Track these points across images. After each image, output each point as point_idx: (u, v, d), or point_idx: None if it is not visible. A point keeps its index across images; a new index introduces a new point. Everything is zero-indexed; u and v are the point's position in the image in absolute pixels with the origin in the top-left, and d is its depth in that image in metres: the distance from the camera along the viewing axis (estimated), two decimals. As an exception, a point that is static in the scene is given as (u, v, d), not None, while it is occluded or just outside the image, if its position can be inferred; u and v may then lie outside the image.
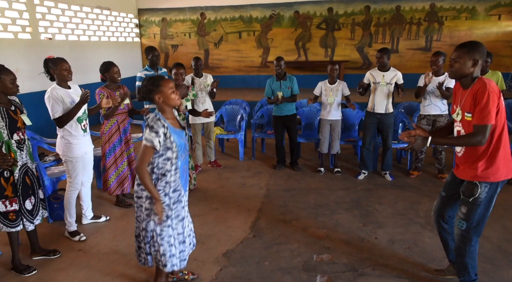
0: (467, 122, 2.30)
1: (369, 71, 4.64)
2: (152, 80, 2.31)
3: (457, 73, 2.31)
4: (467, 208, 2.35)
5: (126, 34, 9.72)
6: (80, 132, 3.31)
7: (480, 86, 2.21)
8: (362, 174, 4.82)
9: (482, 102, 2.16)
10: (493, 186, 2.31)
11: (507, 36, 8.61)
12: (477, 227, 2.37)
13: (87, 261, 3.05)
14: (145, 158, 2.25)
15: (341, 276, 2.80)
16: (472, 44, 2.27)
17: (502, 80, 4.45)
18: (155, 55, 4.60)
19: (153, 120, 2.26)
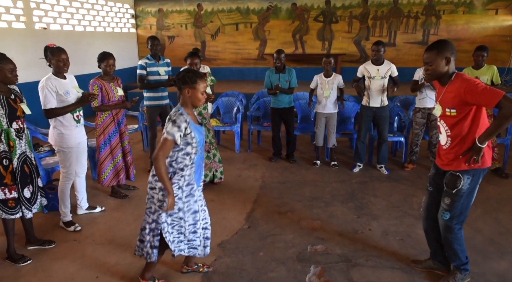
0: (451, 117, 2.34)
1: (362, 65, 4.62)
2: (192, 74, 2.32)
3: (434, 75, 2.38)
4: (450, 199, 2.41)
5: (122, 25, 9.63)
6: (73, 123, 3.28)
7: (462, 83, 2.25)
8: (357, 167, 4.84)
9: (477, 91, 2.18)
10: (476, 176, 2.36)
11: (503, 30, 8.62)
12: (460, 216, 2.43)
13: (82, 251, 3.06)
14: (164, 150, 2.25)
15: (334, 267, 2.83)
16: (439, 45, 2.33)
17: (498, 74, 4.47)
18: (154, 44, 4.53)
19: (176, 114, 2.28)
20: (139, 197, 4.08)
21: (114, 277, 2.73)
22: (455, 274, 2.58)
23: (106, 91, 3.69)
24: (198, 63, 4.09)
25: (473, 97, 2.20)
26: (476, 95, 2.19)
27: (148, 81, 4.53)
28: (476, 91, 2.18)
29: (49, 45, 3.16)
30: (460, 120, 2.31)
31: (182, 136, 2.27)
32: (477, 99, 2.20)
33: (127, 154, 4.04)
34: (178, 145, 2.29)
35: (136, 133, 6.01)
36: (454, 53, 2.32)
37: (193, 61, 4.03)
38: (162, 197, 2.34)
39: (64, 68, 3.19)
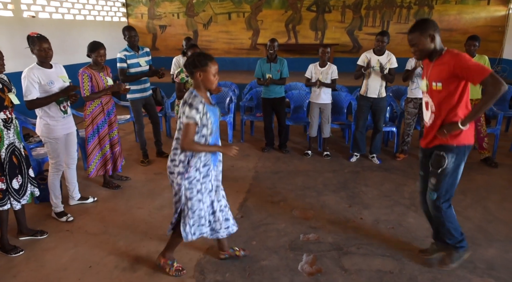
0: (436, 92, 2.39)
1: (364, 53, 4.60)
2: (202, 57, 2.31)
3: (422, 54, 2.42)
4: (436, 179, 2.47)
5: (112, 14, 9.47)
6: (59, 114, 3.23)
7: (451, 56, 2.30)
8: (354, 157, 4.86)
9: (466, 64, 2.23)
10: (459, 154, 2.41)
11: (495, 21, 8.65)
12: (446, 194, 2.49)
13: (75, 241, 3.05)
14: (189, 135, 2.28)
15: (326, 255, 2.87)
16: (420, 24, 2.37)
17: (489, 64, 4.50)
18: (131, 35, 4.40)
19: (190, 97, 2.29)
20: (132, 188, 4.07)
21: (107, 266, 2.74)
22: (452, 255, 2.65)
23: (96, 81, 3.64)
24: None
25: (462, 70, 2.24)
26: (464, 68, 2.23)
27: (130, 73, 4.45)
28: (465, 64, 2.23)
29: (30, 34, 3.07)
30: (446, 95, 2.35)
31: (201, 118, 2.29)
32: (465, 72, 2.24)
33: (115, 145, 3.99)
34: (199, 127, 2.31)
35: (128, 124, 5.96)
36: (437, 29, 2.36)
37: (195, 52, 3.95)
38: (181, 180, 2.38)
39: (46, 58, 3.09)
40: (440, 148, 2.44)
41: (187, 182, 2.39)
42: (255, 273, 2.66)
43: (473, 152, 5.03)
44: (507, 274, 2.64)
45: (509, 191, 3.97)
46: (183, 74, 3.97)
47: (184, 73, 3.98)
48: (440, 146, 2.44)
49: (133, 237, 3.11)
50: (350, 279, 2.60)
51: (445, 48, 2.39)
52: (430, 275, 2.63)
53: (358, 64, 4.59)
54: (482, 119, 4.62)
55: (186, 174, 2.37)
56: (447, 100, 2.36)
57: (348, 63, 4.71)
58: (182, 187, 2.39)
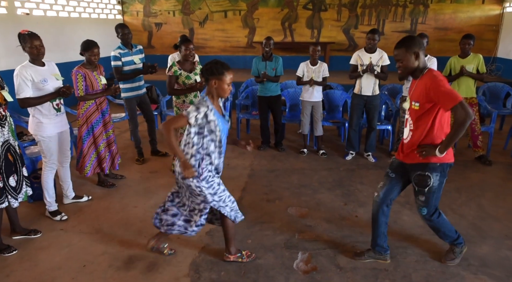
0: (414, 111, 2.42)
1: (356, 52, 4.61)
2: (220, 65, 2.37)
3: (406, 72, 2.44)
4: (424, 197, 2.52)
5: (107, 11, 9.41)
6: (52, 112, 3.19)
7: (429, 78, 2.32)
8: (349, 155, 4.87)
9: (441, 89, 2.25)
10: (443, 172, 2.45)
11: (490, 20, 8.69)
12: (434, 207, 2.57)
13: (68, 240, 3.03)
14: (175, 123, 2.33)
15: (322, 253, 2.87)
16: (407, 41, 2.39)
17: (483, 63, 4.52)
18: (125, 33, 4.37)
19: (200, 101, 2.37)
20: (127, 186, 4.06)
21: (101, 265, 2.72)
22: (453, 249, 2.73)
23: (90, 80, 3.60)
24: (193, 48, 3.98)
25: (435, 94, 2.27)
26: (437, 93, 2.26)
27: (124, 71, 4.41)
28: (438, 89, 2.25)
29: (21, 31, 3.03)
30: (423, 115, 2.37)
31: (198, 119, 2.31)
32: (437, 97, 2.27)
33: (112, 144, 3.96)
34: (203, 132, 2.37)
35: (123, 122, 5.94)
36: (423, 47, 2.38)
37: (188, 47, 3.92)
38: (198, 183, 2.42)
39: (38, 55, 3.05)
40: (424, 168, 2.44)
41: (204, 183, 2.44)
42: (250, 272, 2.65)
43: (468, 150, 5.07)
44: (500, 270, 2.66)
45: (502, 189, 3.99)
46: (175, 67, 3.95)
47: (176, 66, 3.97)
48: (422, 165, 2.44)
49: (127, 236, 3.10)
50: (345, 277, 2.61)
51: (428, 68, 2.40)
52: (424, 272, 2.65)
53: (351, 64, 4.61)
54: (477, 117, 4.64)
55: (201, 176, 2.42)
56: (423, 120, 2.39)
57: (344, 61, 4.71)
58: (203, 188, 2.43)
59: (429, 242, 2.96)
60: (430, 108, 2.34)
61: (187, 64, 4.01)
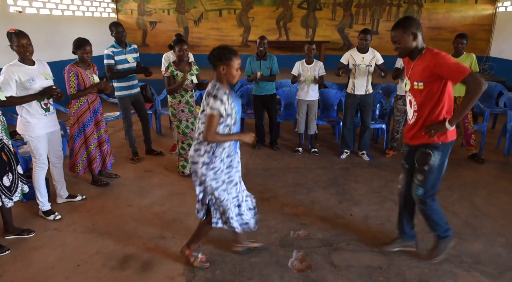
0: (418, 91, 2.42)
1: (348, 52, 4.63)
2: (227, 51, 2.33)
3: (404, 52, 2.45)
4: (422, 176, 2.51)
5: (101, 9, 9.34)
6: (40, 111, 3.14)
7: (431, 56, 2.33)
8: (344, 154, 4.89)
9: (446, 64, 2.26)
10: (444, 150, 2.46)
11: (483, 19, 8.76)
12: (431, 189, 2.55)
13: (62, 240, 3.02)
14: (212, 127, 2.30)
15: (316, 251, 2.88)
16: (404, 22, 2.39)
17: (476, 62, 4.56)
18: (119, 31, 4.34)
19: (214, 89, 2.31)
20: (121, 185, 4.04)
21: (95, 264, 2.71)
22: (438, 247, 2.72)
23: (82, 78, 3.57)
24: (187, 49, 3.97)
25: (442, 69, 2.27)
26: (444, 68, 2.26)
27: (117, 70, 4.39)
28: (445, 63, 2.26)
29: (9, 30, 2.98)
30: (427, 94, 2.39)
31: (226, 109, 2.31)
32: (445, 72, 2.27)
33: (103, 143, 3.92)
34: (223, 118, 2.32)
35: (117, 121, 5.91)
36: (420, 28, 2.39)
37: (182, 47, 3.91)
38: (206, 171, 2.39)
39: (25, 54, 2.99)
40: (426, 146, 2.47)
41: (212, 173, 2.41)
42: (245, 270, 2.66)
43: (461, 149, 5.11)
44: (492, 267, 2.69)
45: (495, 187, 4.03)
46: (172, 68, 3.95)
47: (172, 66, 3.96)
48: (425, 144, 2.48)
49: (122, 235, 3.09)
50: (339, 275, 2.62)
51: (426, 47, 2.41)
52: (417, 270, 2.67)
53: (340, 62, 4.63)
54: (470, 116, 4.68)
55: (211, 165, 2.39)
56: (429, 99, 2.40)
57: (338, 60, 4.71)
58: (207, 178, 2.41)
59: (423, 240, 2.97)
60: (435, 85, 2.34)
61: (183, 64, 4.00)
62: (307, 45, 4.71)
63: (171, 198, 3.75)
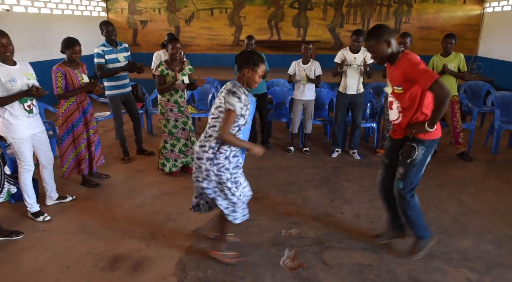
0: (398, 94, 2.49)
1: (341, 50, 4.66)
2: (256, 56, 2.38)
3: (382, 60, 2.51)
4: (404, 169, 2.56)
5: (91, 8, 9.26)
6: (23, 113, 3.07)
7: (405, 61, 2.39)
8: (335, 152, 4.92)
9: (417, 70, 2.33)
10: (429, 147, 2.51)
11: (471, 19, 8.89)
12: (411, 184, 2.59)
13: (52, 241, 2.98)
14: (229, 124, 2.32)
15: (308, 250, 2.89)
16: (375, 31, 2.44)
17: (464, 62, 4.62)
18: (109, 30, 4.28)
19: (235, 86, 2.35)
20: (112, 186, 4.01)
21: (85, 265, 2.69)
22: (418, 244, 2.75)
23: (71, 78, 3.53)
24: (180, 47, 3.93)
25: (412, 74, 2.34)
26: (414, 73, 2.33)
27: (107, 69, 4.34)
28: (415, 69, 2.33)
29: None
30: (409, 98, 2.45)
31: (242, 108, 2.33)
32: (415, 77, 2.34)
33: (92, 144, 3.87)
34: (238, 116, 2.35)
35: (108, 121, 5.86)
36: (392, 33, 2.44)
37: (175, 45, 3.87)
38: (210, 166, 2.42)
39: (5, 54, 2.91)
40: (412, 140, 2.53)
41: (215, 168, 2.43)
42: (237, 269, 2.66)
43: (450, 147, 5.18)
44: (480, 264, 2.73)
45: (483, 185, 4.09)
46: (162, 67, 3.91)
47: (163, 65, 3.92)
48: (410, 138, 2.54)
49: (112, 235, 3.07)
50: (331, 273, 2.64)
51: (402, 50, 2.46)
52: (407, 266, 2.70)
53: (335, 62, 4.65)
54: (458, 115, 4.74)
55: (215, 160, 2.41)
56: (410, 102, 2.46)
57: (330, 60, 4.75)
58: (211, 173, 2.44)
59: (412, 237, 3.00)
60: (414, 88, 2.40)
61: (175, 63, 3.97)
62: (304, 44, 4.72)
63: (162, 198, 3.74)
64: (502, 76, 7.69)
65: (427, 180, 4.16)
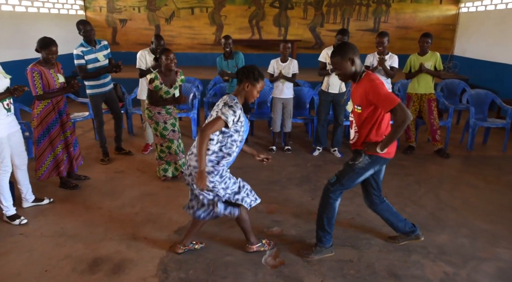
0: (357, 114, 2.54)
1: (325, 50, 4.70)
2: (257, 72, 2.45)
3: (346, 77, 2.56)
4: (343, 168, 2.65)
5: (68, 6, 9.04)
6: (3, 112, 3.01)
7: (367, 82, 2.43)
8: (317, 151, 4.97)
9: (379, 93, 2.36)
10: (374, 161, 2.56)
11: (447, 19, 9.12)
12: (340, 186, 2.66)
13: (29, 245, 2.91)
14: (214, 127, 2.34)
15: (290, 247, 2.92)
16: (340, 49, 2.50)
17: (440, 60, 4.74)
18: (87, 30, 4.17)
19: (232, 102, 2.41)
20: (92, 187, 3.94)
21: (64, 269, 2.64)
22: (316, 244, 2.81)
23: (46, 78, 3.45)
24: (174, 57, 3.79)
25: (374, 97, 2.38)
26: (376, 96, 2.37)
27: (89, 70, 4.25)
28: (376, 92, 2.36)
29: None
30: (367, 118, 2.49)
31: (234, 122, 2.36)
32: (376, 100, 2.38)
33: (70, 145, 3.80)
34: (229, 129, 2.40)
35: (86, 121, 5.74)
36: (356, 52, 2.49)
37: (168, 56, 3.74)
38: (212, 178, 2.47)
39: None
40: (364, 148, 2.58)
41: (218, 177, 2.49)
42: (219, 269, 2.66)
43: (427, 144, 5.31)
44: (456, 257, 2.82)
45: (459, 180, 4.22)
46: (157, 81, 3.77)
47: (158, 80, 3.78)
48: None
49: (92, 238, 3.01)
50: (312, 269, 2.67)
51: (365, 71, 2.51)
52: (386, 261, 2.76)
53: (320, 61, 4.69)
54: (435, 112, 4.86)
55: (215, 172, 2.47)
56: (366, 122, 2.51)
57: (310, 59, 4.80)
58: (217, 183, 2.49)
59: (391, 233, 3.07)
60: (372, 110, 2.45)
61: (170, 75, 3.86)
62: (282, 43, 4.74)
63: (143, 198, 3.70)
64: (476, 74, 7.93)
65: (405, 177, 4.26)
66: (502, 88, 6.94)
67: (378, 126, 2.51)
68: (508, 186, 4.09)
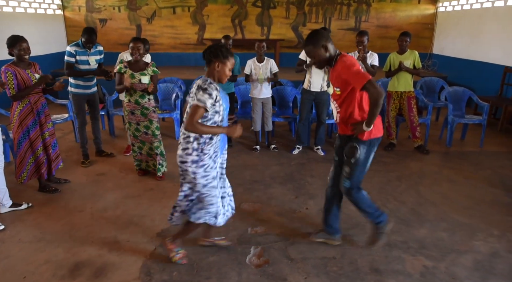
0: (337, 95, 2.59)
1: None
2: (225, 50, 2.38)
3: (321, 64, 2.60)
4: (349, 168, 2.66)
5: (45, 6, 8.81)
6: None
7: (340, 63, 2.49)
8: (296, 149, 5.00)
9: (350, 71, 2.41)
10: (370, 146, 2.62)
11: (426, 18, 9.31)
12: (356, 182, 2.69)
13: (7, 251, 2.83)
14: (195, 117, 2.27)
15: (274, 246, 2.93)
16: (312, 38, 2.53)
17: (419, 59, 4.84)
18: (92, 40, 4.17)
19: (206, 83, 2.33)
20: (72, 190, 3.86)
21: (44, 275, 2.57)
22: (376, 234, 2.81)
23: (22, 78, 3.36)
24: (141, 48, 3.83)
25: (346, 75, 2.43)
26: (347, 74, 2.43)
27: (75, 68, 4.22)
28: (349, 70, 2.42)
29: None
30: (346, 98, 2.54)
31: (212, 104, 2.30)
32: (349, 78, 2.43)
33: (49, 146, 3.72)
34: (207, 115, 2.34)
35: (66, 123, 5.63)
36: (329, 38, 2.53)
37: (135, 45, 3.78)
38: (196, 169, 2.41)
39: None
40: (354, 140, 2.62)
41: (202, 170, 2.42)
42: (203, 270, 2.65)
43: (408, 141, 5.41)
44: (435, 251, 2.89)
45: (439, 176, 4.32)
46: (121, 64, 3.86)
47: (123, 63, 3.87)
48: (354, 138, 2.62)
49: (72, 242, 2.96)
50: (295, 267, 2.69)
51: (340, 54, 2.55)
52: (369, 258, 2.80)
53: (300, 58, 4.72)
54: (415, 110, 4.96)
55: (201, 162, 2.40)
56: (347, 102, 2.56)
57: (293, 58, 4.82)
58: (198, 175, 2.42)
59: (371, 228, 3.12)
60: (350, 90, 2.49)
61: (139, 64, 3.89)
62: (257, 42, 4.76)
63: (125, 201, 3.65)
64: (455, 72, 8.13)
65: (387, 174, 4.34)
66: (479, 85, 7.14)
67: (359, 105, 2.54)
68: (485, 180, 4.21)
